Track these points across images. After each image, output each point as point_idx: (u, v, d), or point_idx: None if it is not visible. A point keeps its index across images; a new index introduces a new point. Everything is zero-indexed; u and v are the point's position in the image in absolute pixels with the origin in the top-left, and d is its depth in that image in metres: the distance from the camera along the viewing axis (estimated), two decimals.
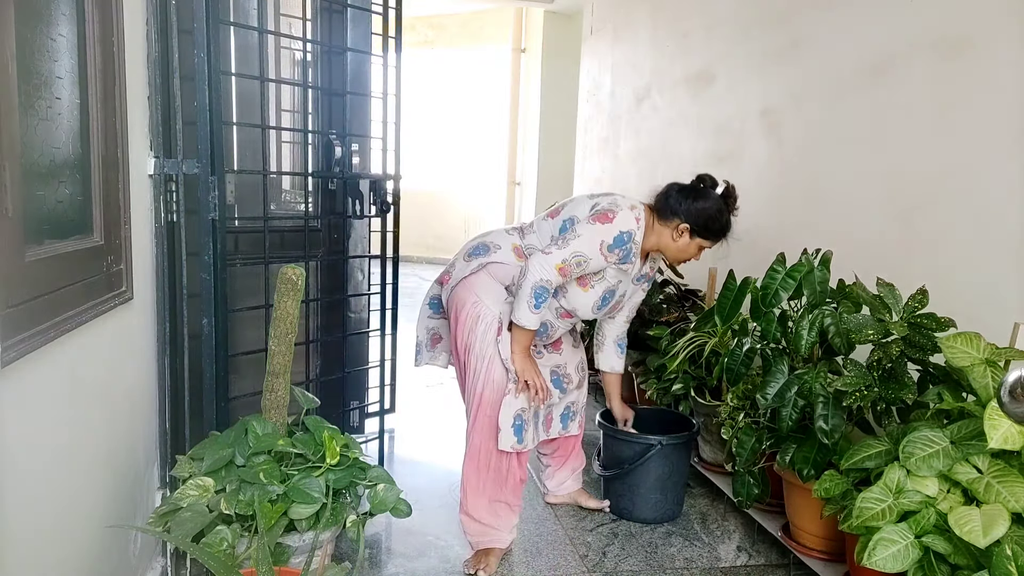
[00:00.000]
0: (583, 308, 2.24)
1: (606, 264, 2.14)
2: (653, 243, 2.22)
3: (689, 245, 2.19)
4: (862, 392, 1.87)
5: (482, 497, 2.19)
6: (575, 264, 2.09)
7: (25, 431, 1.17)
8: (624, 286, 2.27)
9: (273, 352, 1.81)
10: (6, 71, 1.06)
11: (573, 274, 2.13)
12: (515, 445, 2.15)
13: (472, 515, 2.19)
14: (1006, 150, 1.93)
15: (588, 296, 2.21)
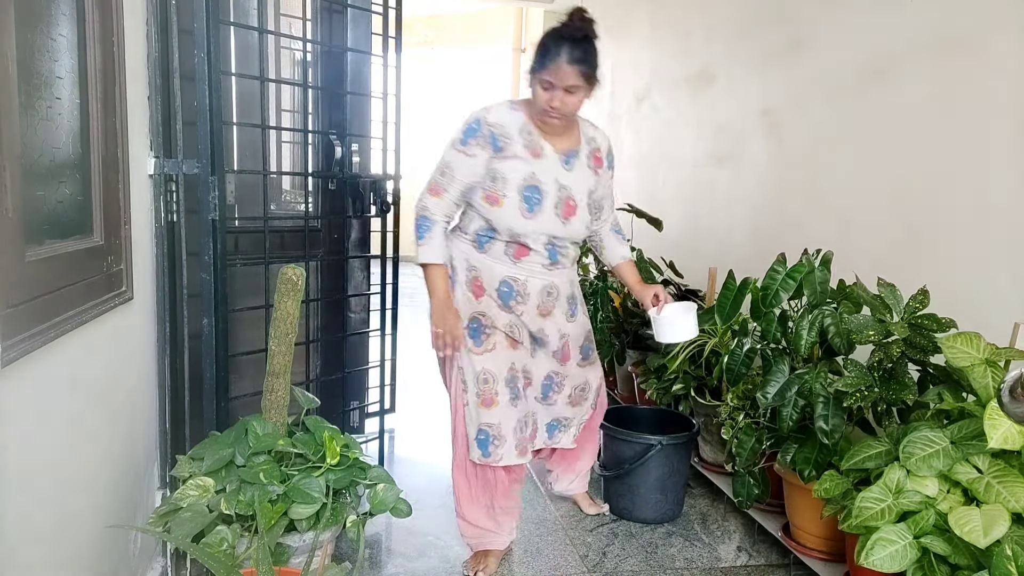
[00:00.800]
0: (512, 219, 1.97)
1: (469, 158, 1.96)
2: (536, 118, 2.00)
3: (534, 87, 1.93)
4: (862, 393, 1.87)
5: (476, 504, 2.16)
6: (440, 175, 2.00)
7: (25, 431, 1.17)
8: (548, 174, 1.99)
9: (273, 352, 1.81)
10: (6, 71, 1.06)
11: (444, 187, 1.99)
12: (482, 458, 2.07)
13: (468, 520, 2.17)
14: (1006, 150, 1.93)
15: (506, 206, 1.96)
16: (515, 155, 1.97)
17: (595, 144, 2.11)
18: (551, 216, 2.00)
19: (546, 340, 2.16)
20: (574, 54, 1.86)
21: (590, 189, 2.07)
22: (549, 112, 1.93)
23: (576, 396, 2.31)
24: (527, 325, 2.11)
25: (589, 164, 2.09)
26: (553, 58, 1.87)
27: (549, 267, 2.08)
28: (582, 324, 2.26)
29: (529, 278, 2.06)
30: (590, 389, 2.35)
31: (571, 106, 1.93)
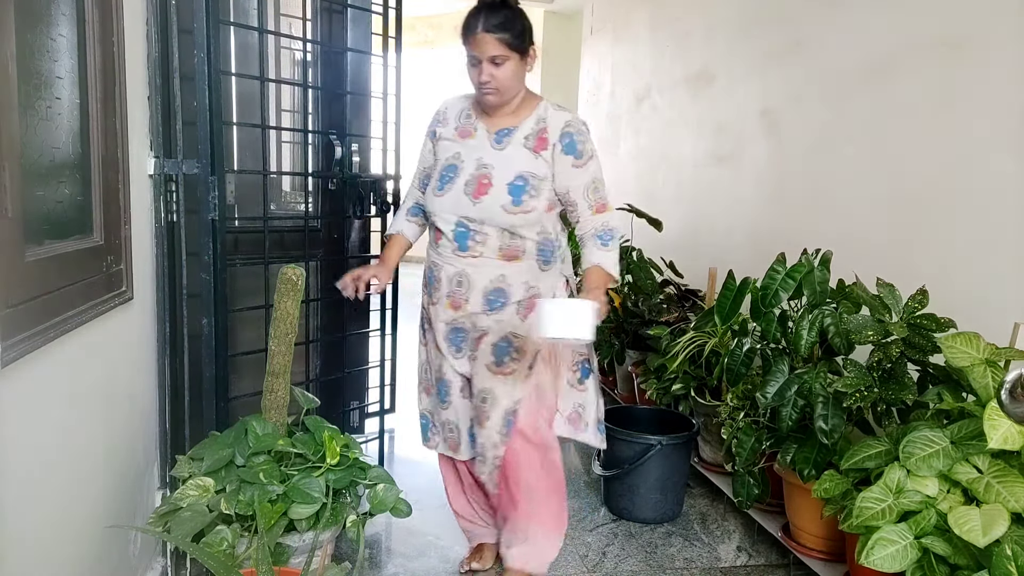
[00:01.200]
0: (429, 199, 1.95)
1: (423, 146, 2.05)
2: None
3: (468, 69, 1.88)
4: (862, 393, 1.87)
5: (456, 492, 2.20)
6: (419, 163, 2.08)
7: (25, 431, 1.17)
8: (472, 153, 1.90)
9: (273, 352, 1.81)
10: (6, 71, 1.06)
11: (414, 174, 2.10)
12: (423, 443, 2.19)
13: (454, 507, 2.22)
14: (1006, 150, 1.93)
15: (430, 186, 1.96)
16: (444, 138, 1.97)
17: (543, 124, 1.89)
18: (459, 194, 1.87)
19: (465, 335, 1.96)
20: (490, 21, 1.77)
21: (525, 171, 1.86)
22: (481, 88, 1.84)
23: (478, 408, 1.96)
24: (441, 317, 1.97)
25: (528, 144, 1.88)
26: (472, 30, 1.79)
27: (459, 254, 1.90)
28: (511, 322, 1.93)
29: (443, 265, 1.94)
30: (494, 404, 1.93)
31: (502, 79, 1.81)
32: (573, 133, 1.88)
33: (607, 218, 1.93)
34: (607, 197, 1.95)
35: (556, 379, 2.02)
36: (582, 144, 1.89)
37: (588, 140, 1.91)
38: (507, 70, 1.82)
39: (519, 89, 1.90)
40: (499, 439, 1.95)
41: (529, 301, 1.92)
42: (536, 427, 1.97)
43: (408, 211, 2.10)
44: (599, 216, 1.93)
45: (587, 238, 1.94)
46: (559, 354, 2.01)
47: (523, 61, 1.85)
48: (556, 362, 2.02)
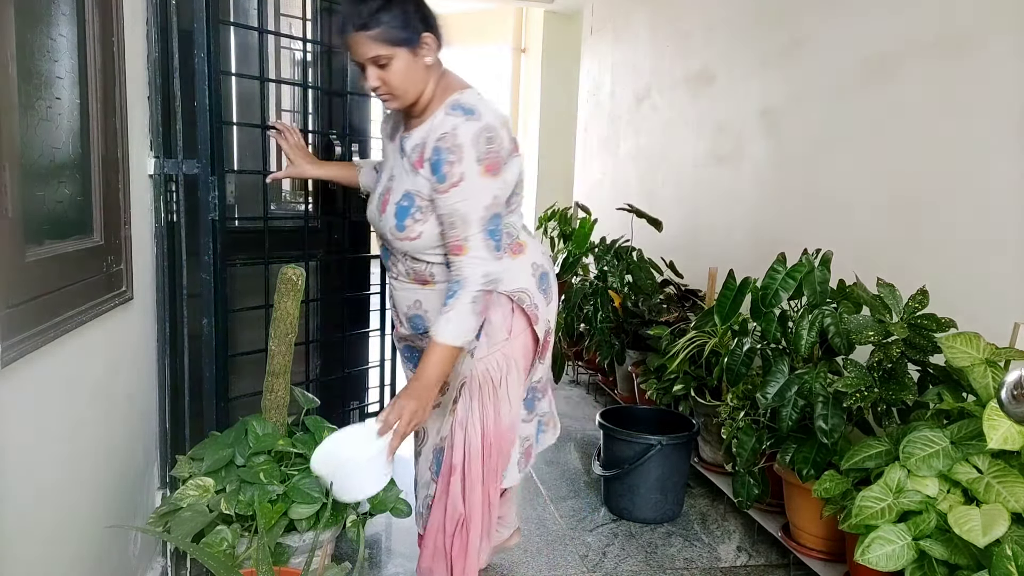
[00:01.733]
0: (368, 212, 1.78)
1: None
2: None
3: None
4: (862, 393, 1.87)
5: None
6: None
7: (25, 431, 1.17)
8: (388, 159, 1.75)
9: (273, 352, 1.81)
10: (6, 71, 1.06)
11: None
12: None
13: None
14: (1006, 150, 1.93)
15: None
16: (383, 135, 1.82)
17: (426, 139, 1.59)
18: (374, 205, 1.73)
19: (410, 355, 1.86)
20: (358, 20, 1.50)
21: (410, 189, 1.61)
22: (378, 95, 1.61)
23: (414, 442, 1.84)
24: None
25: (411, 160, 1.62)
26: (342, 31, 1.53)
27: (388, 274, 1.80)
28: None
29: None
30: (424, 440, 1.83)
31: (394, 82, 1.55)
32: (442, 149, 1.53)
33: (460, 264, 1.54)
34: (471, 238, 1.53)
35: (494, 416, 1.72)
36: (449, 165, 1.52)
37: (461, 161, 1.51)
38: (397, 70, 1.54)
39: (422, 86, 1.60)
40: (430, 477, 1.78)
41: None
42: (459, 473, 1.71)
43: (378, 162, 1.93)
44: (452, 260, 1.56)
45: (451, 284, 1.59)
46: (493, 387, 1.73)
47: (415, 53, 1.55)
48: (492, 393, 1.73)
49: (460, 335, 1.54)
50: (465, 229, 1.53)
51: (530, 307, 1.72)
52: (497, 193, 1.56)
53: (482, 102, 1.62)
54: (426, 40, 1.56)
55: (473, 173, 1.52)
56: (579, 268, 3.71)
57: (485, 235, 1.54)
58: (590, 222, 3.73)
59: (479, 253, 1.54)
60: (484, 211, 1.54)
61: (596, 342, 3.38)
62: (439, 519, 1.74)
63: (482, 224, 1.54)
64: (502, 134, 1.57)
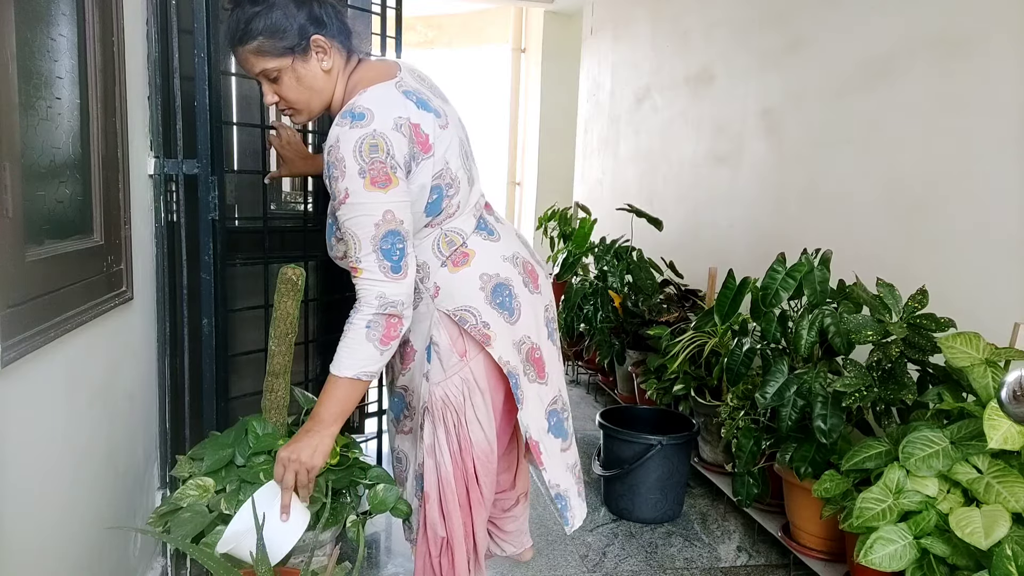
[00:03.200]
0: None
1: None
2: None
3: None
4: (862, 393, 1.87)
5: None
6: None
7: (25, 431, 1.17)
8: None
9: (273, 352, 1.81)
10: (6, 71, 1.06)
11: None
12: None
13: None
14: (1006, 150, 1.93)
15: None
16: None
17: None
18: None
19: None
20: (236, 32, 1.37)
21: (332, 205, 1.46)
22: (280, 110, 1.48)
23: (396, 470, 1.77)
24: None
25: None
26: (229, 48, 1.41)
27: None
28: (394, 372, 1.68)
29: None
30: (407, 466, 1.73)
31: (291, 96, 1.43)
32: (330, 164, 1.36)
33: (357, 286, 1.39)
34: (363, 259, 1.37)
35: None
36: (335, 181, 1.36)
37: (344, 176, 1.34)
38: (289, 82, 1.41)
39: (327, 95, 1.46)
40: (417, 503, 1.69)
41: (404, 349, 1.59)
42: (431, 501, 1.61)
43: None
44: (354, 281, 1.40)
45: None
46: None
47: (307, 59, 1.40)
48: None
49: (354, 365, 1.37)
50: (357, 249, 1.37)
51: (476, 327, 1.51)
52: (391, 207, 1.35)
53: (383, 100, 1.39)
54: (318, 43, 1.40)
55: (357, 188, 1.34)
56: (579, 268, 3.71)
57: (378, 255, 1.36)
58: (590, 222, 3.73)
59: (372, 275, 1.37)
60: (374, 228, 1.35)
61: (596, 342, 3.38)
62: (423, 543, 1.67)
63: (373, 243, 1.36)
64: (392, 138, 1.35)
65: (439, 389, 1.56)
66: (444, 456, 1.59)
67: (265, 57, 1.37)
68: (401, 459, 1.75)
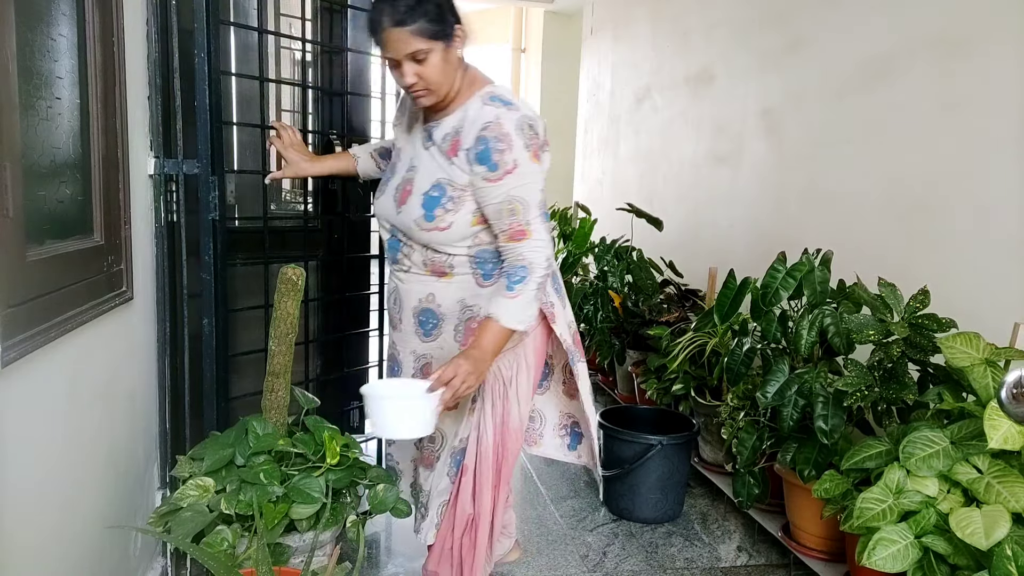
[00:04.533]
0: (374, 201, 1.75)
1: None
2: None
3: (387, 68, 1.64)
4: (862, 392, 1.87)
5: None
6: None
7: (25, 431, 1.17)
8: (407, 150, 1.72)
9: (273, 352, 1.81)
10: (6, 71, 1.06)
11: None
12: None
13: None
14: (1006, 150, 1.93)
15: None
16: (397, 129, 1.79)
17: (460, 127, 1.59)
18: (389, 198, 1.69)
19: (400, 361, 1.82)
20: (396, 15, 1.48)
21: (441, 179, 1.60)
22: (410, 93, 1.59)
23: (426, 449, 1.78)
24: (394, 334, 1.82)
25: (444, 146, 1.61)
26: (378, 28, 1.51)
27: (393, 267, 1.76)
28: (452, 352, 1.71)
29: (388, 279, 1.80)
30: (443, 444, 1.76)
31: (431, 77, 1.54)
32: (489, 139, 1.53)
33: (524, 249, 1.55)
34: (533, 222, 1.55)
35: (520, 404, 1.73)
36: (500, 153, 1.53)
37: (512, 149, 1.53)
38: (434, 65, 1.53)
39: (455, 79, 1.60)
40: (448, 482, 1.74)
41: (468, 325, 1.69)
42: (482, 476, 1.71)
43: (378, 151, 1.95)
44: (513, 246, 1.56)
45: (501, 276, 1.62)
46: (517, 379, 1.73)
47: (449, 46, 1.55)
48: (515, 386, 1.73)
49: (523, 320, 1.56)
50: (526, 213, 1.55)
51: (545, 304, 1.70)
52: (543, 179, 1.60)
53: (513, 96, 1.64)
54: (458, 32, 1.56)
55: (524, 159, 1.54)
56: (579, 268, 3.71)
57: (543, 218, 1.58)
58: (590, 222, 3.73)
59: (542, 236, 1.56)
60: (540, 195, 1.58)
61: (596, 342, 3.38)
62: (448, 522, 1.73)
63: (540, 208, 1.57)
64: (539, 124, 1.60)
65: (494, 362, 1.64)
66: (488, 430, 1.69)
67: (421, 39, 1.49)
68: (435, 439, 1.76)
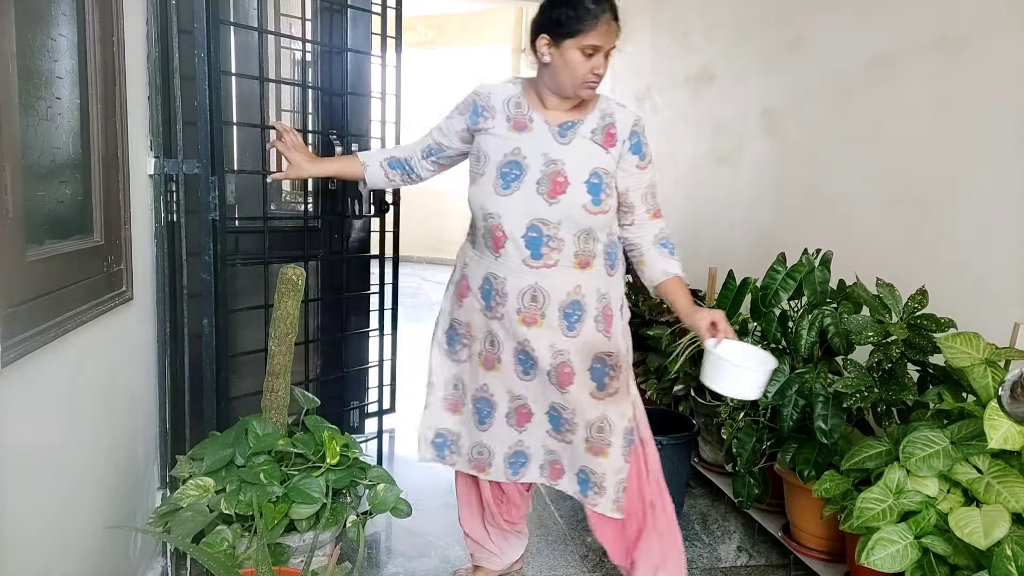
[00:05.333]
0: (485, 197, 1.76)
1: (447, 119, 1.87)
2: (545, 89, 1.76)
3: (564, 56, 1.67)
4: (862, 393, 1.87)
5: (470, 511, 2.08)
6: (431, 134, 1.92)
7: (25, 431, 1.17)
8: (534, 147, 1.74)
9: (273, 352, 1.81)
10: (6, 71, 1.06)
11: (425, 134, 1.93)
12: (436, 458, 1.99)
13: (463, 527, 2.11)
14: (1006, 150, 1.93)
15: (481, 183, 1.78)
16: (494, 131, 1.77)
17: (611, 120, 1.78)
18: (531, 193, 1.71)
19: (535, 357, 1.78)
20: (614, 9, 1.65)
21: (598, 167, 1.73)
22: (591, 83, 1.71)
23: (594, 440, 1.80)
24: (512, 334, 1.79)
25: (596, 139, 1.76)
26: (595, 17, 1.62)
27: (530, 264, 1.73)
28: (595, 342, 1.78)
29: (508, 276, 1.75)
30: (612, 431, 1.80)
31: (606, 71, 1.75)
32: (639, 133, 1.82)
33: (663, 224, 1.86)
34: (658, 203, 1.89)
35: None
36: (645, 146, 1.83)
37: (649, 143, 1.85)
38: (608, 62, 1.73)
39: None
40: (623, 463, 1.83)
41: (604, 311, 1.80)
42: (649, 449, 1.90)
43: (389, 161, 1.94)
44: (657, 221, 1.85)
45: (648, 245, 1.82)
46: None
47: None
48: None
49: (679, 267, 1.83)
50: (656, 197, 1.88)
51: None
52: None
53: None
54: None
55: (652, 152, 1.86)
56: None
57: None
58: None
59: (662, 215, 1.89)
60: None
61: None
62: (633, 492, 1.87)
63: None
64: None
65: (624, 340, 1.86)
66: (638, 398, 1.90)
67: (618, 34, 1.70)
68: (604, 428, 1.80)
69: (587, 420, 1.80)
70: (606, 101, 1.83)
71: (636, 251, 1.85)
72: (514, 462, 1.90)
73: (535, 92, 1.78)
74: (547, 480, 1.91)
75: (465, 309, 1.86)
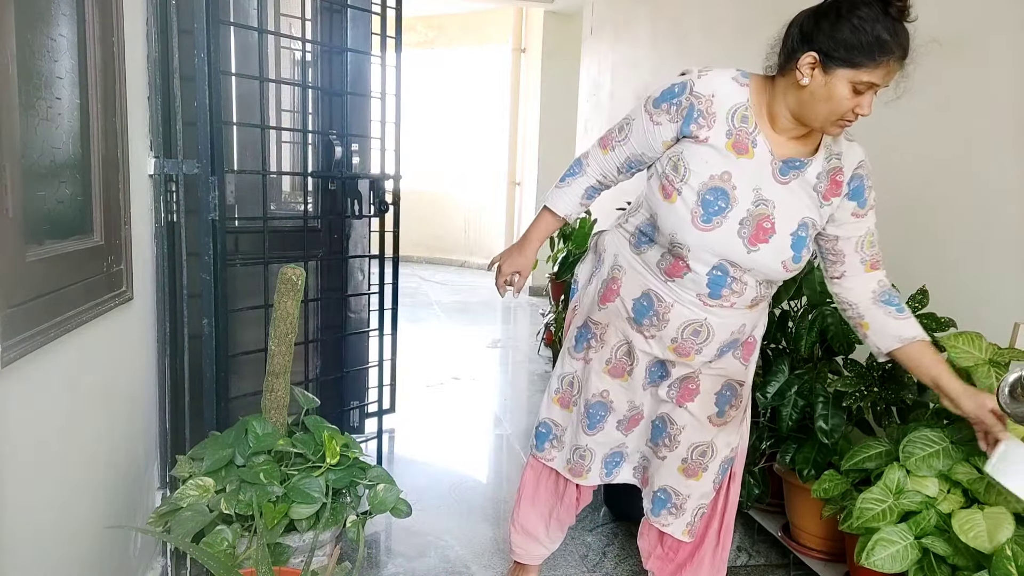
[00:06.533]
0: (678, 223, 1.52)
1: (653, 124, 1.56)
2: (778, 107, 1.49)
3: (829, 85, 1.38)
4: (862, 393, 1.87)
5: (535, 506, 1.98)
6: (618, 130, 1.66)
7: (25, 431, 1.17)
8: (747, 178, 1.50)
9: (273, 352, 1.81)
10: (6, 71, 1.06)
11: (614, 143, 1.67)
12: (534, 451, 1.92)
13: (521, 523, 1.99)
14: (1006, 149, 1.93)
15: (678, 204, 1.52)
16: (710, 142, 1.51)
17: (837, 163, 1.53)
18: (731, 234, 1.50)
19: (670, 372, 1.70)
20: (906, 48, 1.36)
21: (807, 217, 1.52)
22: (848, 122, 1.43)
23: (693, 462, 1.71)
24: (654, 353, 1.68)
25: (818, 187, 1.52)
26: (887, 54, 1.34)
27: (706, 301, 1.59)
28: (730, 369, 1.69)
29: (675, 303, 1.61)
30: (713, 456, 1.71)
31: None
32: (864, 176, 1.55)
33: (882, 276, 1.60)
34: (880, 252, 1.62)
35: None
36: (868, 191, 1.55)
37: (873, 187, 1.56)
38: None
39: None
40: (711, 489, 1.74)
41: (748, 340, 1.70)
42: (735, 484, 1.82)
43: (586, 191, 1.78)
44: (874, 274, 1.59)
45: (868, 304, 1.58)
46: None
47: None
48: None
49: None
50: (876, 247, 1.61)
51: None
52: None
53: None
54: None
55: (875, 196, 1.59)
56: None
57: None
58: (590, 221, 3.73)
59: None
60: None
61: None
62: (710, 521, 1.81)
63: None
64: None
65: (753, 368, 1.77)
66: (747, 432, 1.82)
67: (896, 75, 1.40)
68: (706, 452, 1.72)
69: (692, 441, 1.70)
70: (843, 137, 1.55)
71: (852, 311, 1.62)
72: (610, 462, 1.85)
73: (766, 102, 1.52)
74: (637, 482, 1.86)
75: (607, 312, 1.72)
